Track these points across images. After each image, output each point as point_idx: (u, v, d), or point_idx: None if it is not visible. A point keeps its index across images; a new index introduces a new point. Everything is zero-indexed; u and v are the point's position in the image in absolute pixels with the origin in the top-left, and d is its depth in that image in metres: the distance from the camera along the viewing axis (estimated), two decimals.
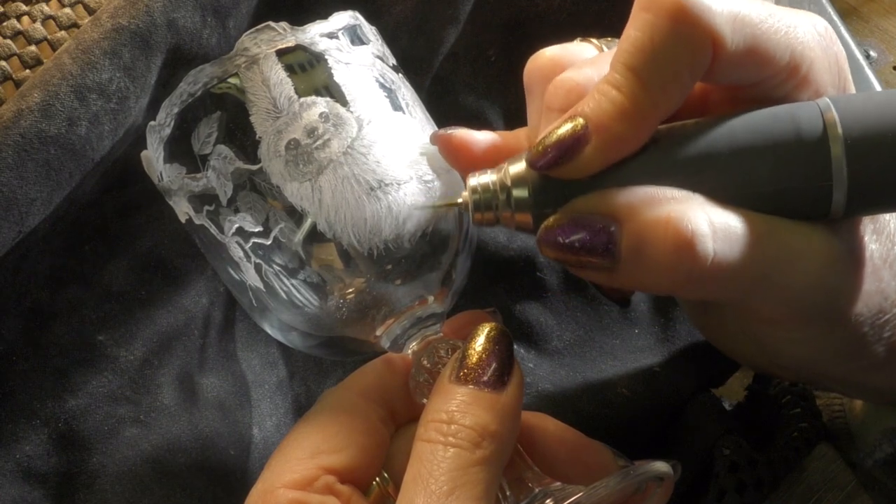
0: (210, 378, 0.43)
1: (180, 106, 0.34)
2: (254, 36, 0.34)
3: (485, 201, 0.31)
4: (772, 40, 0.29)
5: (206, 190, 0.34)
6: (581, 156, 0.29)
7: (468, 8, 0.46)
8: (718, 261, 0.28)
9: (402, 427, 0.36)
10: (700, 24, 0.28)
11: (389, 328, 0.35)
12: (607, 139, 0.29)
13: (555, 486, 0.32)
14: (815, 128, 0.28)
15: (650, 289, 0.29)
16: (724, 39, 0.28)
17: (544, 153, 0.30)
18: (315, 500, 0.32)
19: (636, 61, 0.28)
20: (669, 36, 0.28)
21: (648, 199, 0.29)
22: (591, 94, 0.29)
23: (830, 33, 0.31)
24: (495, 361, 0.32)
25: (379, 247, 0.33)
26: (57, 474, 0.40)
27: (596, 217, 0.29)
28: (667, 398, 0.44)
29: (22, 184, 0.36)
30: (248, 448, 0.42)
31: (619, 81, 0.29)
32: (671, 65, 0.28)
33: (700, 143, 0.29)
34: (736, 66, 0.29)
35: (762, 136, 0.29)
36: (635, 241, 0.28)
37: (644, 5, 0.28)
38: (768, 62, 0.29)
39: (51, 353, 0.41)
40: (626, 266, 0.29)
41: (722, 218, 0.28)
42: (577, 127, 0.29)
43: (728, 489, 0.42)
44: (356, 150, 0.33)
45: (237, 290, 0.36)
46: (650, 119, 0.29)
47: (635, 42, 0.28)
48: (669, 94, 0.29)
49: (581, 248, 0.29)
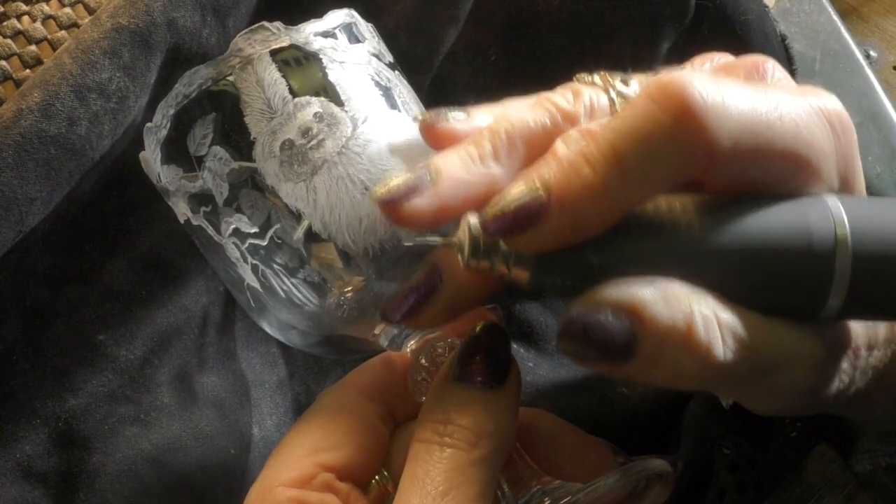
0: (210, 377, 0.43)
1: (176, 107, 0.34)
2: (248, 36, 0.34)
3: (485, 248, 0.29)
4: (777, 145, 0.27)
5: (202, 191, 0.34)
6: (538, 230, 0.27)
7: (468, 7, 0.46)
8: (726, 364, 0.27)
9: (402, 424, 0.36)
10: (702, 133, 0.26)
11: (387, 327, 0.35)
12: (569, 217, 0.27)
13: (553, 485, 0.32)
14: (826, 239, 0.28)
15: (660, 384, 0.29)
16: (723, 148, 0.26)
17: (500, 218, 0.28)
18: (314, 498, 0.32)
19: (622, 144, 0.26)
20: (667, 135, 0.26)
21: (668, 298, 0.27)
22: (559, 163, 0.27)
23: (842, 121, 0.29)
24: (492, 359, 0.31)
25: (374, 246, 0.33)
26: (57, 473, 0.40)
27: (619, 315, 0.27)
28: (666, 398, 0.45)
29: (22, 184, 0.36)
30: (248, 447, 0.42)
31: (595, 158, 0.27)
32: (659, 161, 0.26)
33: (705, 233, 0.28)
34: (734, 169, 0.27)
35: (771, 239, 0.28)
36: (655, 344, 0.27)
37: (652, 95, 0.26)
38: (770, 165, 0.28)
39: (51, 352, 0.41)
40: (641, 364, 0.27)
41: (730, 321, 0.27)
42: (535, 196, 0.27)
43: (728, 489, 0.42)
44: (351, 150, 0.33)
45: (236, 289, 0.36)
46: (619, 207, 0.27)
47: (628, 126, 0.26)
48: (647, 189, 0.27)
49: (603, 346, 0.27)
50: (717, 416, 0.44)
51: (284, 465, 0.33)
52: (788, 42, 0.52)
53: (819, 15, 0.58)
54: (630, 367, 0.28)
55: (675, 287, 0.28)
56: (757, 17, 0.49)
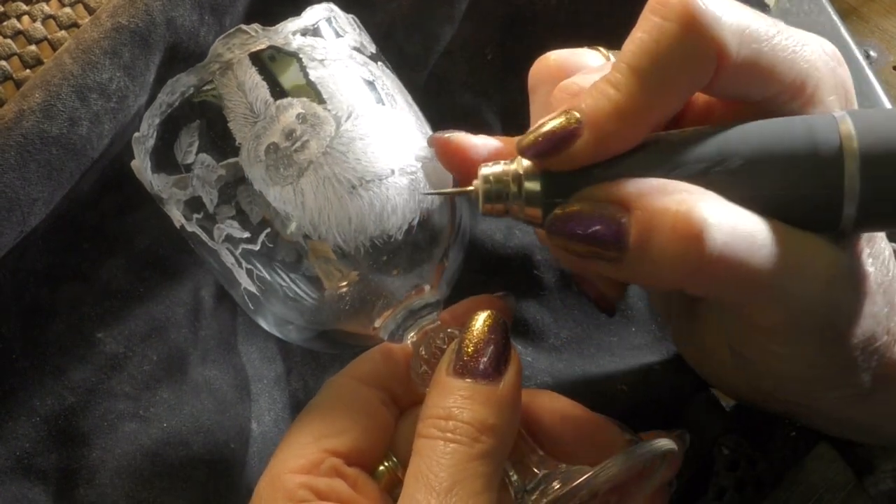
0: (211, 370, 0.43)
1: (160, 116, 0.34)
2: (226, 41, 0.34)
3: (496, 192, 0.31)
4: (778, 57, 0.29)
5: (193, 198, 0.34)
6: (571, 149, 0.29)
7: (465, 6, 0.46)
8: (727, 257, 0.27)
9: (408, 410, 0.36)
10: (708, 33, 0.27)
11: (386, 320, 0.35)
12: (599, 136, 0.29)
13: (560, 469, 0.32)
14: (831, 140, 0.28)
15: (656, 281, 0.29)
16: (729, 51, 0.28)
17: (535, 142, 0.30)
18: (322, 483, 0.32)
19: (639, 62, 0.28)
20: (675, 41, 0.28)
21: (661, 189, 0.28)
22: (588, 90, 0.29)
23: (838, 56, 0.31)
24: (491, 351, 0.32)
25: (365, 244, 0.33)
26: (57, 470, 0.40)
27: (606, 206, 0.29)
28: (666, 395, 0.44)
29: (24, 184, 0.36)
30: (248, 442, 0.43)
31: (618, 80, 0.29)
32: (674, 70, 0.28)
33: (712, 143, 0.29)
34: (740, 79, 0.29)
35: (777, 143, 0.29)
36: (644, 229, 0.28)
37: (654, 8, 0.28)
38: (773, 78, 0.29)
39: (50, 350, 0.41)
40: (633, 256, 0.28)
41: (733, 214, 0.28)
42: (571, 120, 0.29)
43: (728, 488, 0.42)
44: (335, 150, 0.33)
45: (233, 291, 0.36)
46: (645, 121, 0.29)
47: (640, 44, 0.28)
48: (668, 99, 0.29)
49: (590, 237, 0.29)
50: (717, 416, 0.44)
51: (292, 453, 0.33)
52: None
53: (819, 15, 0.58)
54: (624, 262, 0.29)
55: (670, 182, 0.29)
56: None
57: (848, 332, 0.31)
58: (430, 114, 0.38)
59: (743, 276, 0.28)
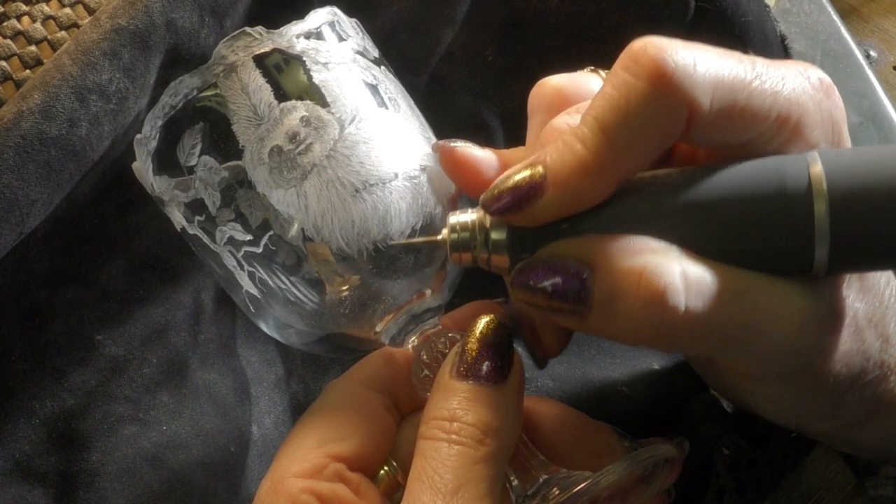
0: (211, 373, 0.43)
1: (163, 118, 0.34)
2: (230, 43, 0.34)
3: (463, 241, 0.31)
4: (755, 102, 0.28)
5: (195, 200, 0.34)
6: (535, 205, 0.29)
7: (465, 8, 0.46)
8: (690, 316, 0.27)
9: (408, 416, 0.36)
10: (678, 91, 0.27)
11: (387, 324, 0.35)
12: (564, 192, 0.28)
13: (561, 474, 0.32)
14: (800, 182, 0.27)
15: (621, 338, 0.29)
16: (701, 107, 0.27)
17: (499, 198, 0.30)
18: (325, 488, 0.32)
19: (607, 118, 0.28)
20: (644, 100, 0.27)
21: (625, 248, 0.28)
22: (555, 144, 0.29)
23: (826, 85, 0.30)
24: (494, 355, 0.32)
25: (368, 248, 0.33)
26: (56, 473, 0.40)
27: (570, 262, 0.29)
28: (667, 397, 0.44)
29: (23, 185, 0.36)
30: (248, 445, 0.43)
31: (584, 135, 0.28)
32: (642, 128, 0.28)
33: (681, 192, 0.29)
34: (716, 130, 0.28)
35: (744, 188, 0.28)
36: (608, 289, 0.28)
37: (625, 65, 0.28)
38: (753, 124, 0.28)
39: (49, 352, 0.41)
40: (597, 314, 0.28)
41: (697, 272, 0.28)
42: (535, 176, 0.29)
43: (728, 488, 0.42)
44: (339, 153, 0.33)
45: (234, 293, 0.36)
46: (611, 176, 0.28)
47: (610, 100, 0.28)
48: (636, 155, 0.28)
49: (553, 292, 0.29)
50: (717, 416, 0.44)
51: (295, 457, 0.33)
52: (788, 42, 0.52)
53: (819, 15, 0.58)
54: (589, 319, 0.28)
55: (635, 239, 0.28)
56: (757, 18, 0.49)
57: (830, 372, 0.30)
58: (431, 116, 0.38)
59: (708, 332, 0.28)
